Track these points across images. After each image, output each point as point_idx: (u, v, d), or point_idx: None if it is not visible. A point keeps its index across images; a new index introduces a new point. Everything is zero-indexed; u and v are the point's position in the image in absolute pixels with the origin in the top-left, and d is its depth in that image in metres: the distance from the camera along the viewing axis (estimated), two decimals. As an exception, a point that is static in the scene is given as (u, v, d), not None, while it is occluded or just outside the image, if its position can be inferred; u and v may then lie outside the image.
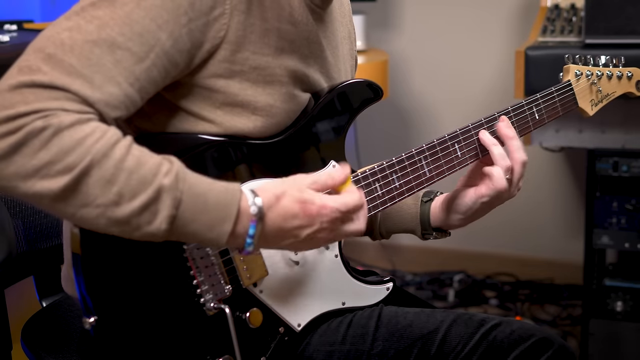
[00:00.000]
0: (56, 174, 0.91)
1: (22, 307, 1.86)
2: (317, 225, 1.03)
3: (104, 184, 0.93)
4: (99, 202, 0.93)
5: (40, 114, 0.91)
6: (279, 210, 1.02)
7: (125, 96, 0.98)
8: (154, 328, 1.07)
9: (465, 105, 3.13)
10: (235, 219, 0.99)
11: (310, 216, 1.02)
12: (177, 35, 1.01)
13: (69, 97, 0.93)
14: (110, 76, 0.96)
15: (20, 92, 0.92)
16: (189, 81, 1.07)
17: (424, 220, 1.35)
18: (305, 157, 1.19)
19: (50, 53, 0.94)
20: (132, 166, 0.94)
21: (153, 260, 1.06)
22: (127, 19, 0.98)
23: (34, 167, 0.91)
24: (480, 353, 1.20)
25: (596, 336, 2.31)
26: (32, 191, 0.92)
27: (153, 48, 0.99)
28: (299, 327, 1.19)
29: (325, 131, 1.21)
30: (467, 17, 3.11)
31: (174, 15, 1.00)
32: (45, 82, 0.92)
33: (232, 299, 1.12)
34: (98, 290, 1.03)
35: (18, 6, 2.46)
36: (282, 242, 1.03)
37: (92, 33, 0.96)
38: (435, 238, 1.37)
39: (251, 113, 1.11)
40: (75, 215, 0.94)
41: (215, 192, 0.99)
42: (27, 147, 0.90)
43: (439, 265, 3.20)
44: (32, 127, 0.90)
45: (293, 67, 1.14)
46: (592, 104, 1.43)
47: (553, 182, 3.09)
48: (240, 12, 1.07)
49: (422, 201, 1.36)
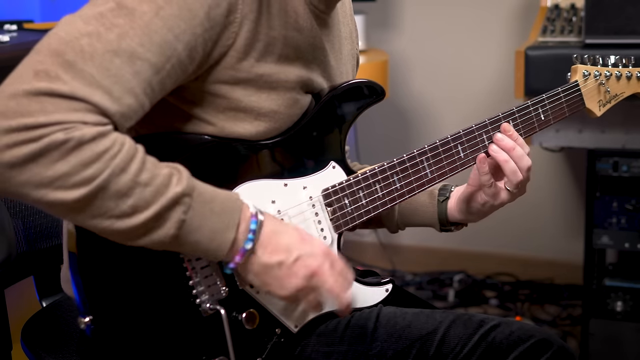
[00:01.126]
0: (72, 186, 0.91)
1: (22, 307, 1.86)
2: (308, 248, 1.05)
3: (119, 198, 0.94)
4: (112, 214, 0.94)
5: (61, 126, 0.90)
6: (275, 222, 1.05)
7: (140, 107, 0.98)
8: (149, 328, 1.07)
9: (465, 105, 3.13)
10: (237, 226, 1.01)
11: (303, 239, 1.06)
12: (193, 45, 1.01)
13: (88, 108, 0.93)
14: (129, 87, 0.96)
15: (38, 100, 0.90)
16: (193, 86, 1.07)
17: (442, 219, 1.37)
18: (304, 157, 1.19)
19: (69, 60, 0.93)
20: (147, 179, 0.95)
21: (150, 260, 1.05)
22: (146, 29, 0.97)
23: (49, 177, 0.91)
24: (479, 354, 1.20)
25: (596, 336, 2.31)
26: (46, 200, 0.92)
27: (170, 59, 0.99)
28: (295, 329, 1.18)
29: (325, 131, 1.20)
30: (467, 17, 3.11)
31: (191, 25, 1.00)
32: (66, 93, 0.91)
33: (228, 299, 1.11)
34: (94, 289, 1.03)
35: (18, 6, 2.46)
36: (273, 256, 1.04)
37: (112, 42, 0.95)
38: (455, 230, 1.39)
39: (254, 118, 1.11)
40: (85, 223, 0.96)
41: (219, 200, 1.01)
42: (46, 157, 0.90)
43: (439, 265, 3.20)
44: (53, 139, 0.90)
45: (298, 73, 1.14)
46: (600, 104, 1.42)
47: (553, 182, 3.09)
48: (250, 21, 1.07)
49: (439, 200, 1.37)
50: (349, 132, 1.24)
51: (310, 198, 1.18)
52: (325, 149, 1.21)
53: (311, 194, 1.18)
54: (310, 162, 1.19)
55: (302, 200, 1.17)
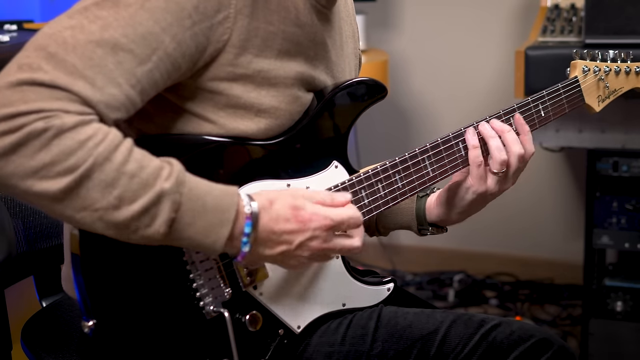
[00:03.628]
0: (56, 175, 0.91)
1: (22, 307, 1.86)
2: (309, 232, 1.04)
3: (104, 188, 0.93)
4: (99, 206, 0.93)
5: (41, 114, 0.90)
6: (271, 213, 1.03)
7: (126, 98, 0.98)
8: (153, 331, 1.06)
9: (465, 105, 3.13)
10: (233, 222, 1.00)
11: (301, 222, 1.04)
12: (181, 38, 1.01)
13: (70, 97, 0.93)
14: (112, 77, 0.96)
15: (20, 90, 0.91)
16: (191, 83, 1.07)
17: (419, 215, 1.35)
18: (307, 157, 1.19)
19: (52, 52, 0.93)
20: (134, 170, 0.94)
21: (153, 262, 1.05)
22: (130, 20, 0.97)
23: (33, 167, 0.90)
24: (480, 354, 1.20)
25: (596, 336, 2.31)
26: (32, 191, 0.91)
27: (156, 51, 0.99)
28: (298, 329, 1.19)
29: (327, 131, 1.20)
30: (467, 17, 3.11)
31: (178, 18, 1.00)
32: (47, 81, 0.92)
33: (232, 301, 1.11)
34: (97, 291, 1.03)
35: (18, 6, 2.46)
36: (275, 248, 1.04)
37: (94, 33, 0.95)
38: (432, 234, 1.37)
39: (254, 115, 1.11)
40: (73, 218, 0.94)
41: (213, 195, 0.99)
42: (27, 147, 0.90)
43: (439, 265, 3.20)
44: (33, 127, 0.90)
45: (299, 69, 1.14)
46: (599, 100, 1.42)
47: (553, 182, 3.09)
48: (245, 15, 1.07)
49: (418, 196, 1.35)
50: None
51: (311, 198, 1.18)
52: (327, 148, 1.21)
53: (313, 194, 1.18)
54: (313, 161, 1.19)
55: (304, 200, 1.17)
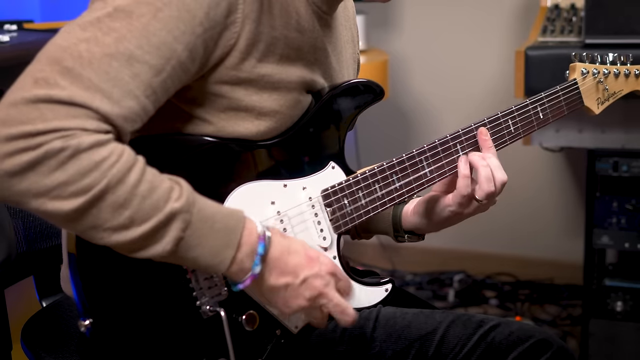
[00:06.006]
0: (70, 195, 0.91)
1: (22, 307, 1.86)
2: (315, 268, 1.06)
3: (116, 209, 0.93)
4: (109, 225, 0.94)
5: (59, 134, 0.90)
6: (282, 243, 1.05)
7: (142, 109, 0.98)
8: (149, 330, 1.07)
9: (465, 105, 3.13)
10: (237, 244, 1.00)
11: (310, 258, 1.06)
12: (192, 45, 1.01)
13: (88, 114, 0.93)
14: (129, 90, 0.96)
15: (37, 108, 0.91)
16: (195, 85, 1.07)
17: (395, 222, 1.35)
18: (304, 158, 1.19)
19: (68, 66, 0.93)
20: (146, 191, 0.95)
21: (149, 262, 1.05)
22: (144, 31, 0.97)
23: (47, 186, 0.91)
24: (479, 354, 1.20)
25: (596, 336, 2.31)
26: (43, 209, 0.92)
27: (169, 60, 0.99)
28: (296, 329, 1.18)
29: (325, 131, 1.20)
30: (467, 17, 3.11)
31: (190, 26, 1.00)
32: (64, 98, 0.92)
33: (229, 301, 1.11)
34: (93, 291, 1.04)
35: (18, 6, 2.46)
36: (280, 278, 1.04)
37: (110, 46, 0.95)
38: (409, 241, 1.36)
39: (255, 118, 1.11)
40: (83, 233, 0.96)
41: (220, 216, 1.00)
42: (43, 165, 0.90)
43: (439, 265, 3.20)
44: (51, 146, 0.90)
45: (300, 74, 1.14)
46: (598, 102, 1.42)
47: (553, 182, 3.09)
48: (252, 20, 1.07)
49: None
50: (349, 132, 1.24)
51: (309, 199, 1.18)
52: (324, 148, 1.21)
53: (311, 195, 1.18)
54: (310, 162, 1.19)
55: (302, 201, 1.17)
